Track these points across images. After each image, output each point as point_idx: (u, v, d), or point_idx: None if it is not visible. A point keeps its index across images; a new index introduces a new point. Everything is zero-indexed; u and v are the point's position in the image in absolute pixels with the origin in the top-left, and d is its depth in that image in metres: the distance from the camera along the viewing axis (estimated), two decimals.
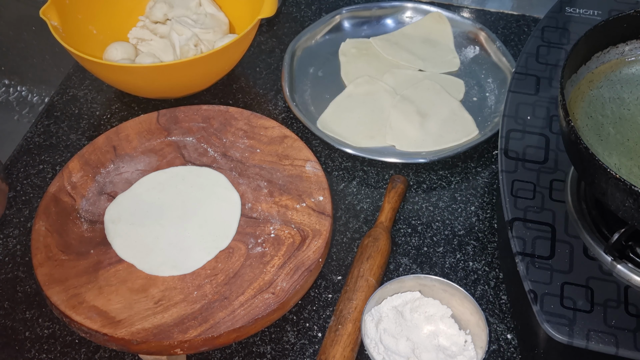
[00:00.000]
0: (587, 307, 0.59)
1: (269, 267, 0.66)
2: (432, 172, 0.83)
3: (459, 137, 0.85)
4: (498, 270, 0.73)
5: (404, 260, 0.75)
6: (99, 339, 0.62)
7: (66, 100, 0.92)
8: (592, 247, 0.63)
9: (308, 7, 1.06)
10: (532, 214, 0.65)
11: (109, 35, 0.94)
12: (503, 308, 0.70)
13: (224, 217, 0.71)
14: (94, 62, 0.80)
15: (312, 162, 0.75)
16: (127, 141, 0.79)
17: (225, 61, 0.87)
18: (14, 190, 0.82)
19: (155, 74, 0.82)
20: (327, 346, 0.64)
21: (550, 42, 0.81)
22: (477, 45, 0.97)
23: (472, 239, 0.77)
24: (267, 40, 1.00)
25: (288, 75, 0.91)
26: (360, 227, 0.78)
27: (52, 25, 0.83)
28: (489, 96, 0.91)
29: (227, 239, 0.69)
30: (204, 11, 0.95)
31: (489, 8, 1.05)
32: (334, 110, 0.89)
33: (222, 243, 0.69)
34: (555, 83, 0.76)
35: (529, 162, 0.70)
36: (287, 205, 0.72)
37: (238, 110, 0.81)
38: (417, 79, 0.93)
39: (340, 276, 0.74)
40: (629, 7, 0.83)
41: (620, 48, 0.68)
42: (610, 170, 0.53)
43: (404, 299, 0.66)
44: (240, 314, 0.63)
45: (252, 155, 0.77)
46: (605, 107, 0.65)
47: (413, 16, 1.01)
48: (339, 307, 0.67)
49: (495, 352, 0.67)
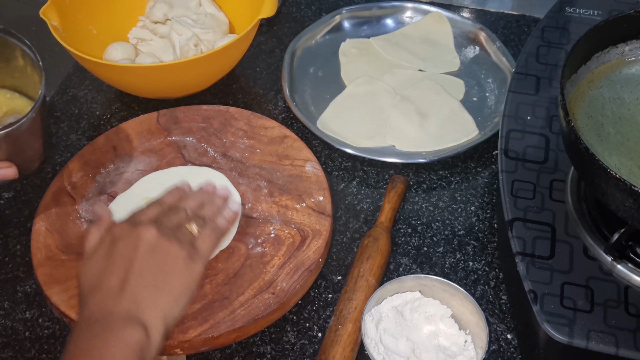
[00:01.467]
0: (587, 307, 0.59)
1: (269, 267, 0.66)
2: (432, 172, 0.83)
3: (459, 137, 0.85)
4: (498, 270, 0.73)
5: (404, 260, 0.75)
6: None
7: (66, 100, 0.92)
8: (592, 247, 0.63)
9: (308, 7, 1.06)
10: (532, 214, 0.65)
11: (109, 35, 0.94)
12: (503, 308, 0.70)
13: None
14: (94, 62, 0.80)
15: (312, 162, 0.75)
16: (127, 141, 0.79)
17: (225, 61, 0.88)
18: (14, 190, 0.82)
19: (155, 74, 0.82)
20: (327, 346, 0.64)
21: (550, 42, 0.81)
22: (477, 45, 0.97)
23: (472, 239, 0.77)
24: (267, 40, 1.00)
25: (288, 75, 0.91)
26: (360, 227, 0.78)
27: (52, 25, 0.83)
28: (489, 96, 0.91)
29: (228, 239, 0.69)
30: (204, 11, 0.95)
31: (489, 8, 1.05)
32: (334, 110, 0.89)
33: (222, 243, 0.69)
34: (555, 83, 0.76)
35: (529, 162, 0.70)
36: (287, 205, 0.72)
37: (238, 110, 0.81)
38: (417, 79, 0.93)
39: (340, 276, 0.73)
40: (629, 7, 0.83)
41: (620, 48, 0.68)
42: (610, 170, 0.53)
43: (404, 299, 0.66)
44: (240, 314, 0.63)
45: (252, 155, 0.77)
46: (605, 107, 0.65)
47: (413, 16, 1.01)
48: (339, 307, 0.67)
49: (495, 352, 0.67)
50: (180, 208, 0.65)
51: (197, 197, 0.68)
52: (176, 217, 0.63)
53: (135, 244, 0.59)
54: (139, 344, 0.54)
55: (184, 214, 0.64)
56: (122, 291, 0.57)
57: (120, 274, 0.58)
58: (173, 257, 0.59)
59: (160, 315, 0.57)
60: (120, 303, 0.56)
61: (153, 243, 0.59)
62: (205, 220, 0.65)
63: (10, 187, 0.82)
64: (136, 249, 0.59)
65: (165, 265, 0.59)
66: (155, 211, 0.64)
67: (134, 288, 0.57)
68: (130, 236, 0.60)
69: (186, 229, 0.63)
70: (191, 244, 0.61)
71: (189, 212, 0.65)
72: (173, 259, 0.59)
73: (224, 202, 0.68)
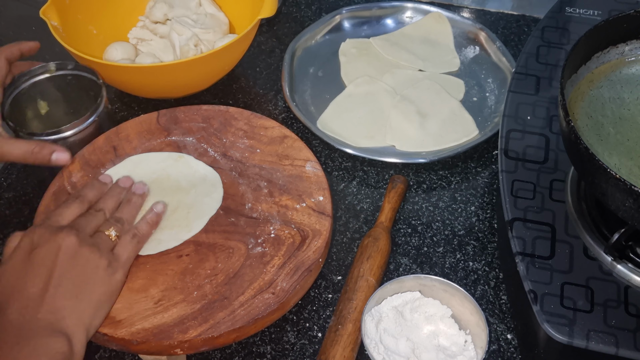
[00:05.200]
0: (587, 307, 0.59)
1: (269, 267, 0.66)
2: (432, 172, 0.83)
3: (459, 137, 0.85)
4: (498, 270, 0.73)
5: (404, 260, 0.75)
6: (99, 339, 0.62)
7: None
8: (592, 247, 0.63)
9: (308, 7, 1.06)
10: (532, 214, 0.65)
11: (109, 35, 0.94)
12: (503, 308, 0.70)
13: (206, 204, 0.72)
14: (94, 62, 0.80)
15: (312, 162, 0.75)
16: (127, 141, 0.79)
17: (225, 61, 0.88)
18: (14, 190, 0.82)
19: (155, 74, 0.82)
20: (327, 346, 0.64)
21: (550, 42, 0.81)
22: (477, 45, 0.97)
23: (472, 239, 0.77)
24: (267, 40, 1.00)
25: (288, 75, 0.91)
26: (360, 227, 0.78)
27: (52, 25, 0.83)
28: (489, 96, 0.91)
29: (175, 240, 0.69)
30: (204, 11, 0.95)
31: (489, 8, 1.05)
32: (334, 110, 0.89)
33: (169, 243, 0.68)
34: (555, 83, 0.76)
35: (529, 162, 0.70)
36: (287, 205, 0.72)
37: (238, 110, 0.81)
38: (417, 79, 0.93)
39: (340, 276, 0.74)
40: (629, 7, 0.83)
41: (620, 48, 0.68)
42: (610, 170, 0.53)
43: (404, 299, 0.66)
44: (240, 314, 0.63)
45: (252, 155, 0.77)
46: (605, 107, 0.65)
47: (413, 16, 1.01)
48: (339, 307, 0.67)
49: (495, 352, 0.67)
50: (99, 209, 0.65)
51: (115, 195, 0.68)
52: (94, 220, 0.63)
53: (56, 252, 0.58)
54: (62, 355, 0.54)
55: (102, 216, 0.64)
56: (42, 300, 0.56)
57: (39, 282, 0.57)
58: (93, 267, 0.59)
59: (81, 326, 0.57)
60: (41, 313, 0.55)
61: (73, 251, 0.59)
62: (123, 225, 0.65)
63: (11, 187, 0.82)
64: (56, 257, 0.58)
65: (86, 275, 0.58)
66: (75, 212, 0.64)
67: (54, 297, 0.56)
68: (50, 243, 0.59)
69: (105, 235, 0.63)
70: (111, 252, 0.61)
71: (107, 214, 0.65)
72: (93, 268, 0.59)
73: (142, 200, 0.69)
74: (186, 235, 0.69)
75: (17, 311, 0.56)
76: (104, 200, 0.67)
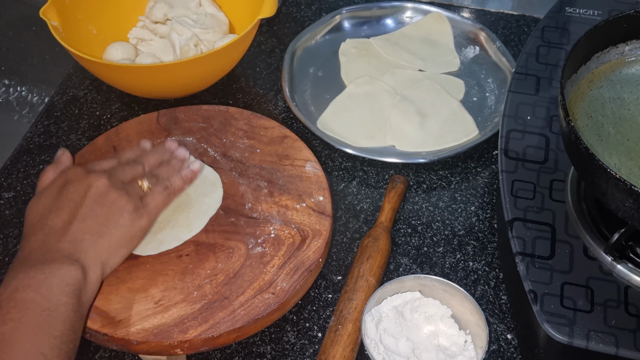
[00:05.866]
0: (587, 307, 0.59)
1: (269, 267, 0.66)
2: (432, 172, 0.83)
3: (459, 137, 0.85)
4: (498, 270, 0.73)
5: (404, 260, 0.75)
6: (99, 339, 0.62)
7: (66, 100, 0.92)
8: (592, 247, 0.63)
9: (308, 7, 1.06)
10: (532, 214, 0.65)
11: (109, 35, 0.94)
12: (503, 308, 0.70)
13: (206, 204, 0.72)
14: (94, 62, 0.81)
15: (312, 162, 0.75)
16: (127, 141, 0.79)
17: (225, 61, 0.87)
18: (14, 190, 0.82)
19: (155, 74, 0.82)
20: (327, 346, 0.64)
21: (550, 42, 0.81)
22: (477, 45, 0.97)
23: (472, 239, 0.77)
24: (267, 40, 1.00)
25: (288, 75, 0.91)
26: (360, 227, 0.78)
27: (52, 25, 0.83)
28: (489, 96, 0.91)
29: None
30: (204, 11, 0.95)
31: (489, 8, 1.05)
32: (334, 110, 0.89)
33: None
34: (555, 83, 0.76)
35: (529, 162, 0.70)
36: (287, 205, 0.72)
37: (238, 110, 0.81)
38: (417, 79, 0.93)
39: (340, 276, 0.74)
40: (629, 7, 0.83)
41: (620, 48, 0.68)
42: (610, 170, 0.53)
43: (404, 299, 0.66)
44: (240, 314, 0.63)
45: (252, 155, 0.77)
46: (605, 107, 0.65)
47: (413, 16, 1.01)
48: (339, 307, 0.67)
49: (495, 352, 0.67)
50: (138, 162, 0.68)
51: (158, 154, 0.71)
52: (131, 171, 0.66)
53: (85, 190, 0.62)
54: (76, 281, 0.57)
55: (140, 169, 0.67)
56: (65, 232, 0.59)
57: (64, 215, 0.60)
58: (119, 209, 0.62)
59: (98, 260, 0.59)
60: (61, 243, 0.59)
61: (102, 192, 0.62)
62: (158, 179, 0.67)
63: (11, 187, 0.82)
64: (85, 195, 0.61)
65: (110, 215, 0.61)
66: (111, 163, 0.67)
67: (76, 231, 0.59)
68: (82, 182, 0.62)
69: (137, 184, 0.65)
70: (140, 198, 0.64)
71: (146, 168, 0.68)
72: (118, 210, 0.62)
73: (181, 164, 0.71)
74: (186, 236, 0.69)
75: (40, 239, 0.59)
76: (147, 156, 0.70)
